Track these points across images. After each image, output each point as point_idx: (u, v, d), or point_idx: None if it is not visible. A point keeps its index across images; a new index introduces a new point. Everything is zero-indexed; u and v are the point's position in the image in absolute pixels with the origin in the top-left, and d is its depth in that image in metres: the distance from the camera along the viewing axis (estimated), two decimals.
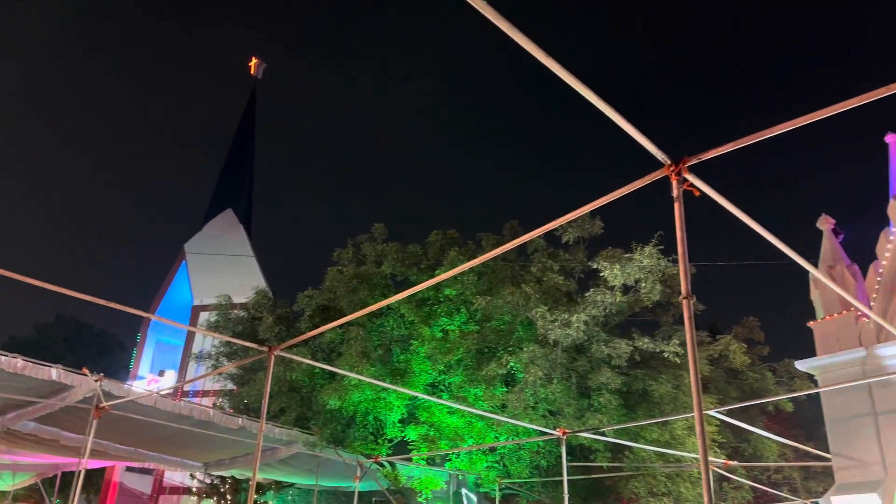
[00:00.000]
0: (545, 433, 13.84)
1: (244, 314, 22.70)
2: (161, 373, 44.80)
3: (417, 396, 16.72)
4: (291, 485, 26.41)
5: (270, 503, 27.97)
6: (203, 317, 42.37)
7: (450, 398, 17.77)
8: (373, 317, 19.27)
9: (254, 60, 65.82)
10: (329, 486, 26.03)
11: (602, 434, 15.23)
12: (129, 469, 36.46)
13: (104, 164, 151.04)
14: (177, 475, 37.41)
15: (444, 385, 18.83)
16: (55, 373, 13.21)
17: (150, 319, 46.37)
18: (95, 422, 11.85)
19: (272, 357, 8.66)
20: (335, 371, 12.65)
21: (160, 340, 47.84)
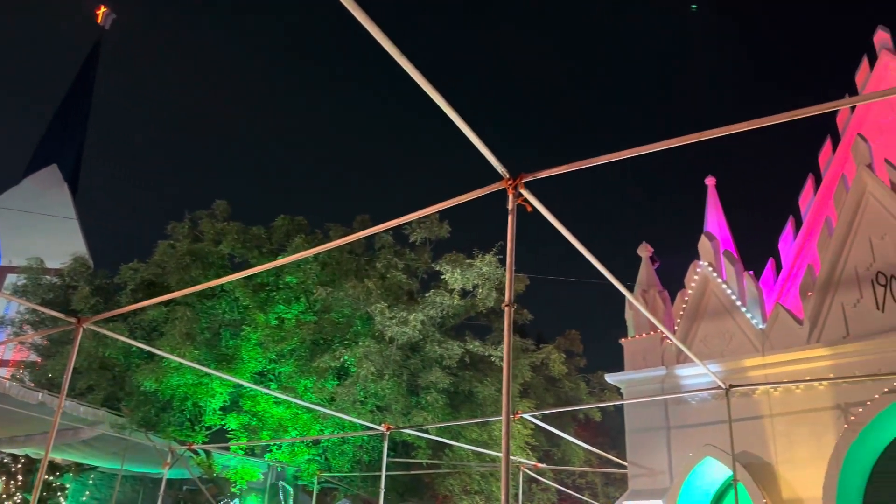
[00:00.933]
0: (370, 428, 13.91)
1: (58, 281, 20.80)
2: None
3: (243, 385, 16.15)
4: (94, 468, 24.55)
5: (69, 486, 25.81)
6: (10, 279, 38.29)
7: (278, 388, 17.37)
8: (204, 297, 18.39)
9: (102, 9, 60.54)
10: (135, 472, 24.51)
11: (425, 431, 15.56)
12: None
13: None
14: None
15: (274, 374, 18.36)
16: None
17: None
18: None
19: (80, 329, 7.98)
20: (153, 351, 11.88)
21: None
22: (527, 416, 14.20)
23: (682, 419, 12.13)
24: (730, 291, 12.28)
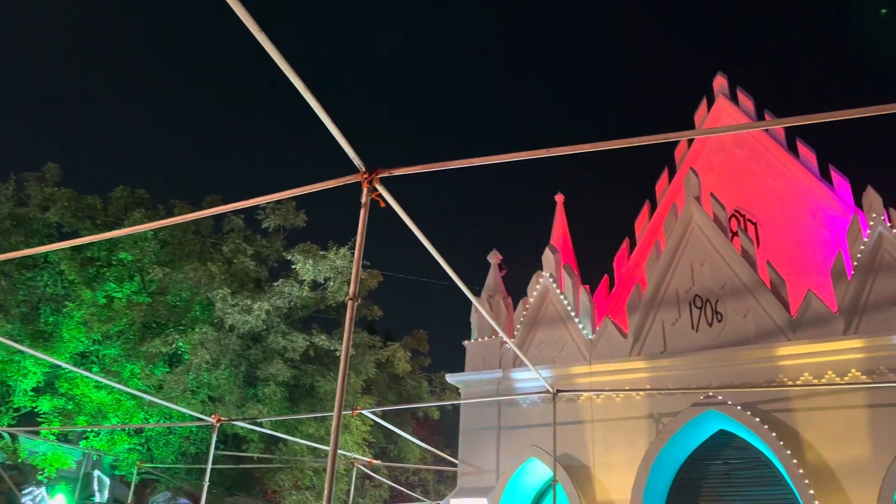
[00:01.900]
0: (199, 419, 13.27)
1: None
2: None
3: (61, 365, 14.83)
4: None
5: None
6: None
7: (100, 372, 16.16)
8: (24, 267, 16.76)
9: None
10: None
11: (259, 425, 15.12)
12: None
13: None
14: None
15: (97, 356, 17.07)
16: None
17: None
18: None
19: None
20: None
21: None
22: (366, 413, 14.19)
23: (513, 420, 12.67)
24: (566, 302, 13.00)
